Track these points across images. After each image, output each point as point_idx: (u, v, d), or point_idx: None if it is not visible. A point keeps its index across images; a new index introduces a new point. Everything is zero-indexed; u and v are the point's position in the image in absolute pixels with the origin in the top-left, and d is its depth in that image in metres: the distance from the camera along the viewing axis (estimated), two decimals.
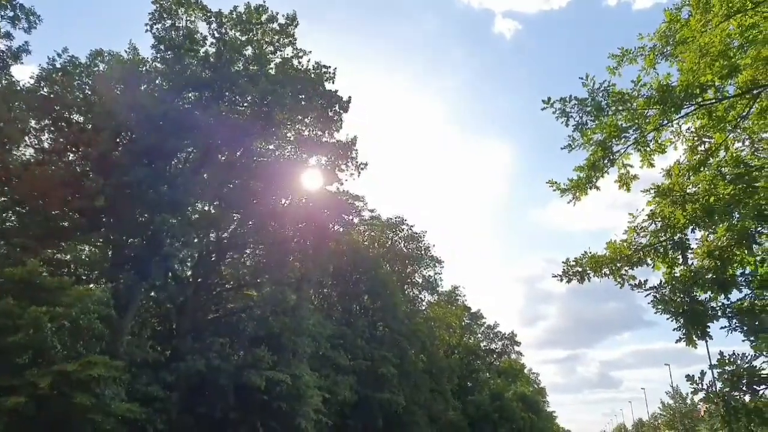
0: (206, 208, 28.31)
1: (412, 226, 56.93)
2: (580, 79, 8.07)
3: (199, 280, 27.75)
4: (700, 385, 6.05)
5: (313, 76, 26.04)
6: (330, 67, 26.53)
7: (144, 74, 25.91)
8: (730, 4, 7.93)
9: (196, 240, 26.35)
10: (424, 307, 60.42)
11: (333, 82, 26.91)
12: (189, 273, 28.71)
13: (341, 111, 26.76)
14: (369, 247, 50.36)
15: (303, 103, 25.11)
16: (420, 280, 58.85)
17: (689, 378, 6.16)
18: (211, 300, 28.98)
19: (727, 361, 5.80)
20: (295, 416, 24.90)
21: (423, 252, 56.94)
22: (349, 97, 27.08)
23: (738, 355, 5.85)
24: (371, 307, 45.49)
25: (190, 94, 26.08)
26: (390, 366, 39.83)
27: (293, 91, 24.46)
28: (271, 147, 29.05)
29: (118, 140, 25.05)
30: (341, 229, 34.64)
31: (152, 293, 26.46)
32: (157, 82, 26.32)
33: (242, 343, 27.01)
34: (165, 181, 23.89)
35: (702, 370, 6.00)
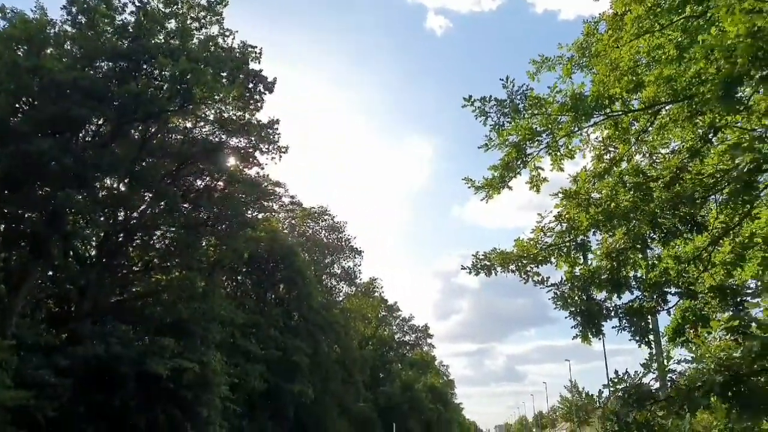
0: (115, 186, 26.70)
1: (334, 216, 56.79)
2: (501, 80, 8.29)
3: (104, 261, 26.18)
4: (598, 403, 6.42)
5: (237, 55, 25.11)
6: (256, 47, 25.71)
7: (52, 37, 23.92)
8: (641, 25, 8.39)
9: (102, 219, 24.82)
10: (341, 298, 60.52)
11: (259, 62, 26.12)
12: (93, 253, 27.07)
13: (265, 92, 25.99)
14: (288, 235, 49.68)
15: (225, 81, 24.14)
16: (339, 271, 58.86)
17: (588, 396, 6.54)
18: (115, 283, 27.40)
19: (618, 380, 6.19)
20: (200, 404, 24.17)
21: (343, 243, 56.96)
22: (275, 78, 26.37)
23: (628, 374, 6.27)
24: (287, 296, 44.90)
25: (103, 64, 24.40)
26: (303, 356, 39.54)
27: (216, 70, 23.46)
28: (189, 125, 27.79)
29: (17, 105, 23.03)
30: (259, 215, 33.80)
31: (50, 273, 24.74)
32: (66, 47, 24.41)
33: (147, 329, 25.85)
34: (71, 154, 22.23)
35: (600, 390, 6.40)
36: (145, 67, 24.29)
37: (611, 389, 6.12)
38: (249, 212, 30.22)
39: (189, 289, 25.89)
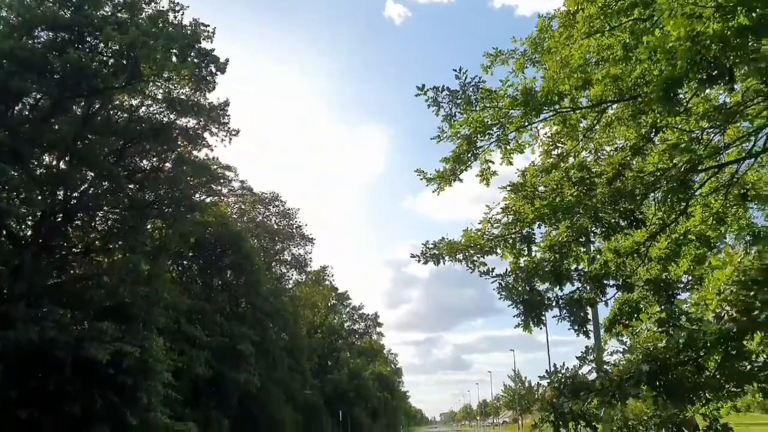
0: (54, 163, 25.46)
1: (284, 202, 56.12)
2: (454, 71, 8.33)
3: (41, 242, 24.99)
4: (536, 395, 6.60)
5: (188, 32, 24.26)
6: (209, 25, 24.89)
7: None
8: (591, 24, 8.58)
9: (39, 197, 23.64)
10: (291, 286, 60.05)
11: (211, 42, 25.34)
12: (29, 233, 25.79)
13: (217, 72, 25.25)
14: (237, 220, 48.80)
15: (175, 59, 23.30)
16: (289, 258, 58.31)
17: (527, 387, 6.70)
18: (53, 264, 26.23)
19: (555, 371, 6.39)
20: (140, 390, 23.53)
21: (294, 230, 56.40)
22: (227, 59, 25.64)
23: (565, 366, 6.48)
24: (234, 282, 44.21)
25: (43, 34, 23.13)
26: (249, 344, 39.09)
27: (165, 46, 22.60)
28: (136, 103, 26.76)
29: None
30: (208, 199, 33.01)
31: None
32: (3, 13, 23.03)
33: (87, 313, 24.90)
34: (6, 128, 21.10)
35: (538, 382, 6.57)
36: (89, 39, 23.20)
37: (548, 380, 6.31)
38: (197, 195, 29.51)
39: (132, 273, 25.06)
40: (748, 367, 7.00)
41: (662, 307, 7.15)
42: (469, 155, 9.00)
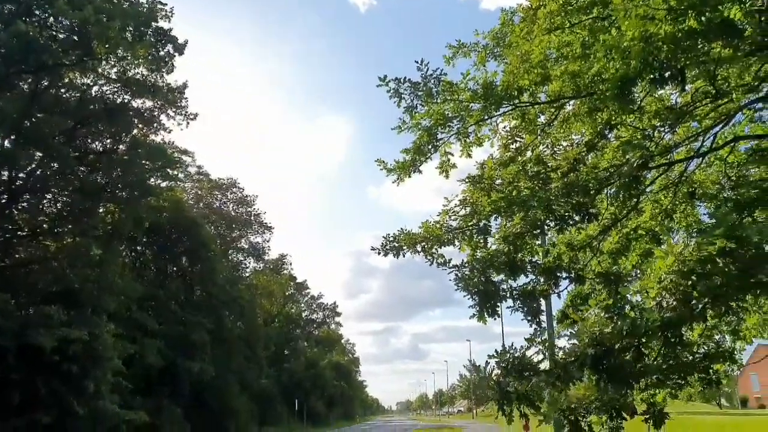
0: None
1: (242, 188, 55.24)
2: (416, 63, 8.33)
3: None
4: (484, 373, 6.73)
5: (145, 10, 23.43)
6: (166, 4, 24.06)
7: None
8: (552, 21, 8.72)
9: None
10: (248, 274, 59.29)
11: (169, 21, 24.55)
12: None
13: (175, 53, 24.52)
14: (193, 206, 47.78)
15: (130, 38, 22.49)
16: (246, 246, 57.52)
17: (476, 367, 6.83)
18: None
19: (503, 352, 6.54)
20: (87, 379, 22.86)
21: (252, 217, 55.62)
22: (186, 40, 24.95)
23: (513, 347, 6.64)
24: (190, 269, 43.36)
25: None
26: (204, 332, 38.49)
27: (121, 24, 21.78)
28: (88, 81, 25.72)
29: None
30: (163, 183, 32.15)
31: None
32: None
33: (32, 299, 23.99)
34: None
35: (486, 361, 6.71)
36: (38, 12, 22.13)
37: (497, 360, 6.46)
38: (152, 180, 28.67)
39: (83, 257, 24.24)
40: (690, 357, 7.35)
41: (609, 295, 7.41)
42: (430, 147, 9.05)
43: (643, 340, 5.94)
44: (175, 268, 43.93)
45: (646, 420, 6.78)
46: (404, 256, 9.81)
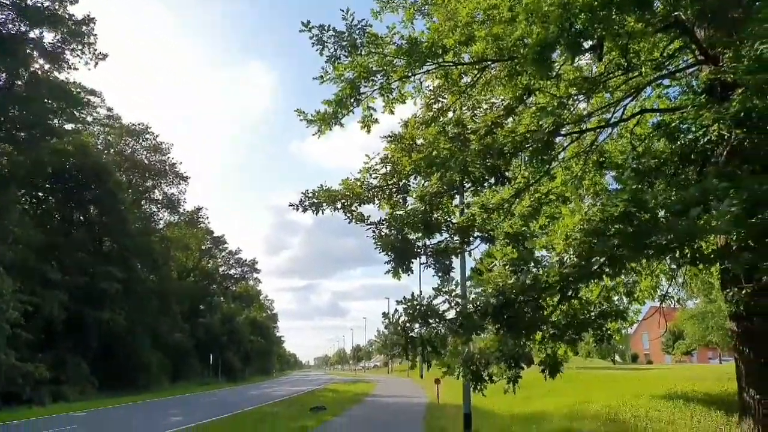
0: None
1: (157, 135, 52.36)
2: (341, 11, 8.07)
3: None
4: (391, 320, 6.85)
5: None
6: None
7: None
8: None
9: None
10: (162, 226, 56.87)
11: None
12: None
13: None
14: (103, 152, 44.84)
15: None
16: (160, 197, 54.96)
17: (384, 315, 6.93)
18: None
19: (411, 299, 6.69)
20: None
21: (167, 167, 53.02)
22: None
23: (421, 295, 6.81)
24: (98, 219, 40.99)
25: None
26: (114, 282, 36.81)
27: None
28: None
29: None
30: (68, 126, 29.83)
31: None
32: None
33: None
34: None
35: (395, 309, 6.83)
36: None
37: (405, 306, 6.63)
38: (56, 121, 26.51)
39: None
40: (587, 315, 7.87)
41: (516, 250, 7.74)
42: (352, 100, 8.90)
43: (543, 293, 6.26)
44: (82, 217, 41.36)
45: (542, 370, 7.24)
46: (323, 213, 9.75)
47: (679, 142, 6.89)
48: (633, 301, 11.86)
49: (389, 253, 8.77)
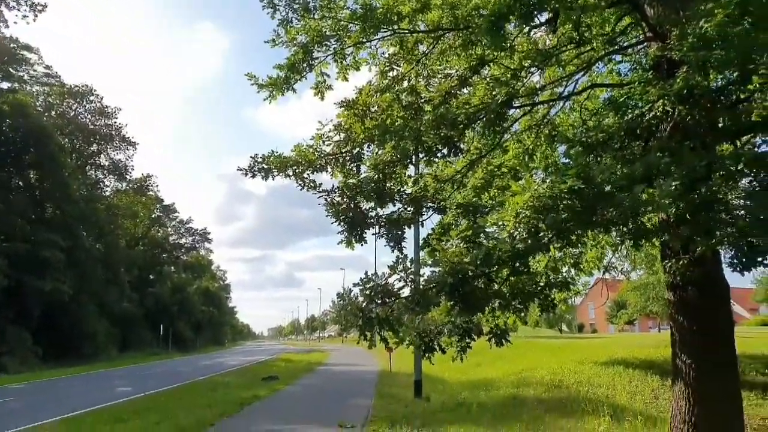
0: None
1: (102, 98, 50.07)
2: None
3: None
4: (347, 300, 6.81)
5: None
6: None
7: None
8: None
9: None
10: (108, 193, 54.90)
11: None
12: None
13: None
14: (43, 113, 42.54)
15: None
16: (107, 163, 52.92)
17: (339, 295, 6.88)
18: None
19: (367, 279, 6.67)
20: None
21: (114, 131, 50.91)
22: None
23: (376, 274, 6.79)
24: (39, 184, 39.15)
25: None
26: (56, 250, 35.45)
27: None
28: None
29: None
30: (3, 84, 28.12)
31: None
32: None
33: None
34: None
35: (350, 288, 6.80)
36: None
37: (361, 287, 6.62)
38: None
39: None
40: (534, 286, 8.06)
41: (469, 226, 7.81)
42: (305, 65, 8.67)
43: (495, 269, 6.35)
44: (20, 182, 39.40)
45: (490, 339, 7.41)
46: (273, 179, 9.55)
47: (626, 117, 7.02)
48: (579, 272, 12.27)
49: (341, 223, 8.70)
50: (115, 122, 50.87)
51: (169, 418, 12.49)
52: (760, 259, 5.02)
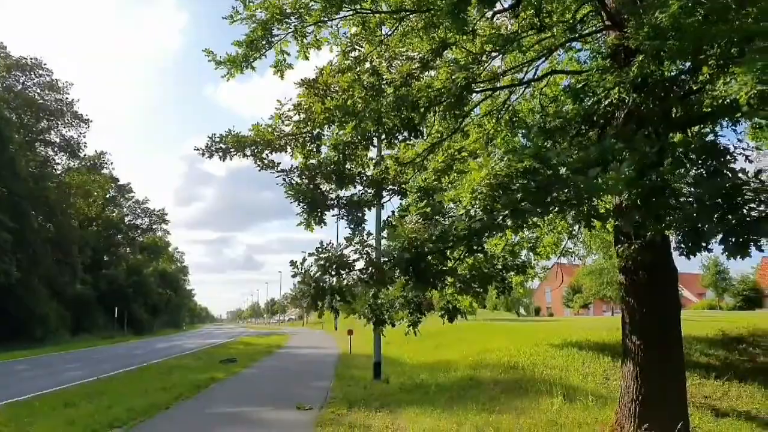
0: None
1: (51, 71, 47.91)
2: None
3: None
4: (300, 269, 6.74)
5: None
6: None
7: None
8: None
9: None
10: (59, 171, 52.85)
11: None
12: None
13: None
14: None
15: None
16: (58, 140, 50.85)
17: (292, 263, 6.77)
18: None
19: (322, 249, 6.62)
20: None
21: (65, 107, 48.88)
22: None
23: (332, 244, 6.74)
24: None
25: None
26: (3, 231, 34.04)
27: None
28: None
29: None
30: None
31: None
32: None
33: None
34: None
35: (303, 257, 6.70)
36: None
37: (315, 258, 6.57)
38: None
39: None
40: (491, 269, 8.19)
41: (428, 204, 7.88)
42: (264, 42, 8.47)
43: (450, 245, 6.41)
44: None
45: (441, 315, 7.56)
46: (231, 159, 9.35)
47: (583, 104, 7.14)
48: (537, 256, 12.53)
49: (301, 204, 8.60)
50: (67, 98, 48.87)
51: (122, 401, 12.21)
52: (705, 244, 5.21)
